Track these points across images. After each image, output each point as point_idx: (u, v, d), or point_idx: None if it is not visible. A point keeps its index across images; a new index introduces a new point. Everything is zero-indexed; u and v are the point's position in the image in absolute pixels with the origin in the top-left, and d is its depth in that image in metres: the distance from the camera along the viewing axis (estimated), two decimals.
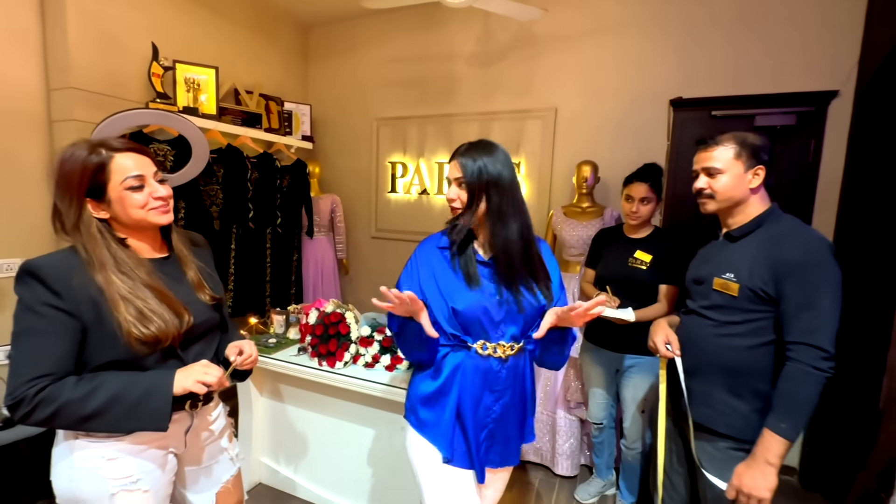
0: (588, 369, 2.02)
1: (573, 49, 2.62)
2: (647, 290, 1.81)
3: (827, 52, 2.12)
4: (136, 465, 0.96)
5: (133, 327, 0.89)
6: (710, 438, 1.21)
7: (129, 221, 0.97)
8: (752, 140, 1.17)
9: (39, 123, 2.05)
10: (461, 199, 1.11)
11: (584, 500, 2.05)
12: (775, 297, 1.10)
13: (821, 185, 2.10)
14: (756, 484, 1.06)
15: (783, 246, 1.09)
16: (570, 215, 2.39)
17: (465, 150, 1.11)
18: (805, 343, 1.05)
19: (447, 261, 1.13)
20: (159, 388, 0.91)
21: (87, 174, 0.91)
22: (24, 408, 0.83)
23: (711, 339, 1.19)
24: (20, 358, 0.85)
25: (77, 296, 0.87)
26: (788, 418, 1.04)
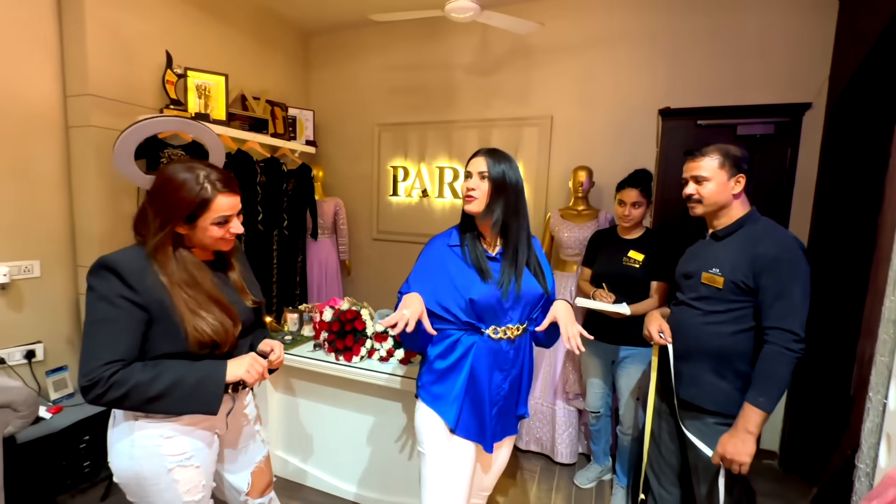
0: (586, 361, 2.15)
1: (567, 60, 2.77)
2: (640, 287, 1.95)
3: (801, 67, 2.30)
4: (189, 443, 1.06)
5: (198, 336, 1.00)
6: (698, 415, 1.36)
7: (199, 244, 1.08)
8: (734, 151, 1.32)
9: (56, 129, 2.11)
10: (482, 189, 1.22)
11: (583, 485, 2.19)
12: (754, 289, 1.25)
13: (797, 190, 2.29)
14: (738, 450, 1.20)
15: (760, 244, 1.24)
16: (567, 217, 2.52)
17: (490, 151, 1.24)
18: (779, 328, 1.19)
19: (459, 257, 1.24)
20: (213, 375, 1.02)
21: (192, 205, 1.01)
22: (99, 388, 0.92)
23: (699, 326, 1.34)
24: (95, 343, 0.94)
25: (148, 293, 0.98)
26: (765, 393, 1.19)
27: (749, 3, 2.36)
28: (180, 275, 1.02)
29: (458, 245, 1.27)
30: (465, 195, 1.24)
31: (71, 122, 2.12)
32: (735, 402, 1.28)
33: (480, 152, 1.25)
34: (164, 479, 1.03)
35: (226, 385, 1.04)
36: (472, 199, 1.22)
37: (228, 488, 1.26)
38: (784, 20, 2.31)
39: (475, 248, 1.25)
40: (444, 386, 1.23)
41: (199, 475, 1.08)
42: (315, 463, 2.08)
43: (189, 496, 1.06)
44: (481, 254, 1.24)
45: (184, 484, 1.05)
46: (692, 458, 1.41)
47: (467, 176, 1.24)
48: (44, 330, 2.12)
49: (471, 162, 1.26)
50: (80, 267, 2.22)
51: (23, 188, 2.00)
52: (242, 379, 1.05)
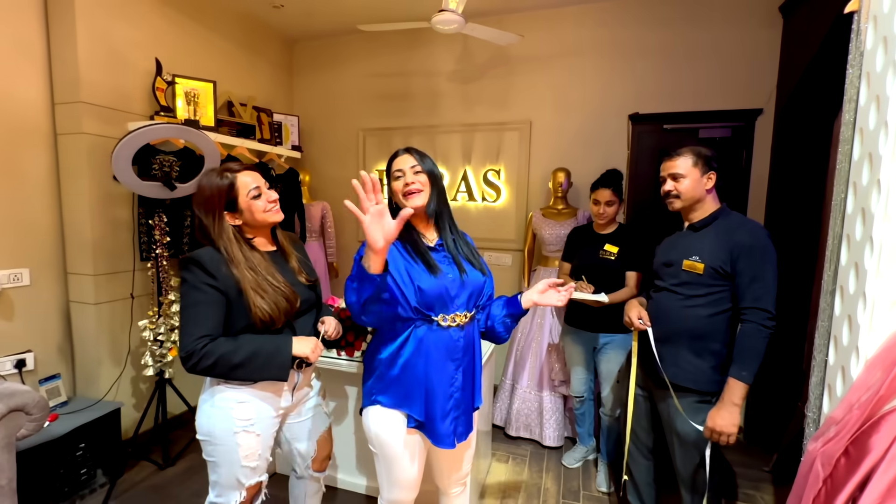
0: (569, 349, 2.31)
1: (544, 69, 2.95)
2: (615, 277, 2.12)
3: (753, 75, 2.55)
4: (255, 411, 1.23)
5: (259, 310, 1.18)
6: (677, 394, 1.49)
7: (255, 223, 1.26)
8: (705, 151, 1.50)
9: (45, 137, 2.10)
10: (421, 182, 1.23)
11: (571, 465, 2.34)
12: (731, 274, 1.39)
13: (752, 188, 2.53)
14: (726, 422, 1.34)
15: (736, 234, 1.40)
16: (548, 216, 2.69)
17: (411, 149, 1.27)
18: (756, 307, 1.35)
19: (401, 253, 1.22)
20: (283, 348, 1.21)
21: (223, 193, 1.22)
22: (194, 358, 1.11)
23: (680, 310, 1.47)
24: (191, 322, 1.13)
25: (225, 280, 1.17)
26: (746, 367, 1.33)
27: (705, 17, 2.60)
28: (244, 260, 1.20)
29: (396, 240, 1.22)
30: (405, 192, 1.22)
31: (60, 130, 2.12)
32: (711, 379, 1.42)
33: (402, 151, 1.27)
34: (229, 441, 1.20)
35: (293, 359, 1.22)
36: (417, 192, 1.22)
37: (296, 455, 1.44)
38: (736, 32, 2.56)
39: (418, 241, 1.24)
40: (402, 386, 1.22)
41: (257, 443, 1.24)
42: None
43: (247, 461, 1.22)
44: (424, 247, 1.25)
45: (244, 448, 1.22)
46: (669, 434, 1.55)
47: (396, 176, 1.24)
48: (34, 339, 2.10)
49: (396, 161, 1.26)
50: (70, 274, 2.21)
51: (11, 196, 1.99)
52: (306, 356, 1.22)
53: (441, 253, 1.28)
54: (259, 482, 1.29)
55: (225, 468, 1.22)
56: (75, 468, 1.99)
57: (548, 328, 2.57)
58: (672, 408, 1.49)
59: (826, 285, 1.04)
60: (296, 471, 1.50)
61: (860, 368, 0.90)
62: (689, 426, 1.45)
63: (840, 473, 0.88)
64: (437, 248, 1.29)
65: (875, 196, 0.89)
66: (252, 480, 1.26)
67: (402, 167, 1.23)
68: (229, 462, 1.21)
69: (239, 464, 1.22)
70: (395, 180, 1.24)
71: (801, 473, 0.99)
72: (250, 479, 1.25)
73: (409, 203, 1.21)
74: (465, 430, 1.28)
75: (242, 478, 1.24)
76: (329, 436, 1.50)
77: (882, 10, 0.91)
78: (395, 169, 1.25)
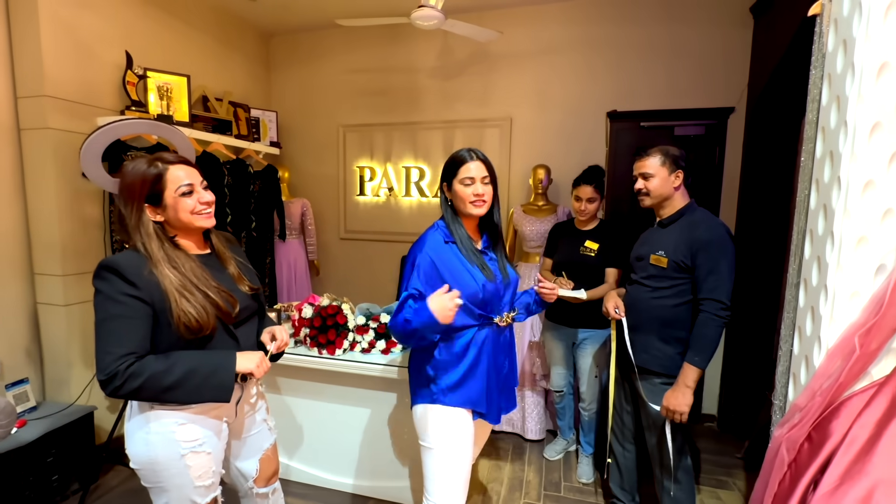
0: (549, 345, 2.34)
1: (524, 66, 2.97)
2: (595, 273, 2.16)
3: (725, 74, 2.62)
4: (201, 431, 1.12)
5: (182, 314, 1.03)
6: (648, 377, 1.58)
7: (179, 224, 1.12)
8: (673, 151, 1.56)
9: (7, 132, 2.01)
10: (489, 193, 1.29)
11: (552, 458, 2.38)
12: (691, 267, 1.48)
13: (725, 184, 2.60)
14: (679, 402, 1.44)
15: (696, 230, 1.48)
16: (529, 212, 2.72)
17: (480, 156, 1.29)
18: (710, 298, 1.43)
19: (459, 254, 1.29)
20: (225, 365, 1.08)
21: (147, 183, 1.08)
22: (117, 381, 0.96)
23: (648, 301, 1.57)
24: (108, 340, 0.98)
25: (149, 286, 1.02)
26: (700, 353, 1.43)
27: (681, 16, 2.66)
28: (166, 259, 1.06)
29: (453, 241, 1.30)
30: (472, 201, 1.27)
31: (24, 125, 2.04)
32: (677, 364, 1.50)
33: (473, 156, 1.29)
34: (177, 465, 1.08)
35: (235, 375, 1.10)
36: (483, 203, 1.28)
37: (236, 475, 1.32)
38: (711, 32, 2.62)
39: (471, 243, 1.31)
40: (469, 383, 1.28)
41: (209, 461, 1.13)
42: (300, 457, 2.13)
43: (200, 481, 1.11)
44: (476, 249, 1.32)
45: (195, 469, 1.10)
46: (644, 417, 1.65)
47: (466, 182, 1.27)
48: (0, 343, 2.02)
49: (467, 168, 1.27)
50: (37, 275, 2.13)
51: None
52: (251, 372, 1.11)
53: (488, 255, 1.36)
54: (214, 497, 1.19)
55: (175, 492, 1.10)
56: (46, 475, 1.93)
57: (529, 324, 2.60)
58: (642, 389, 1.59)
59: (791, 278, 1.08)
60: (238, 491, 1.37)
61: (822, 357, 0.94)
62: (650, 406, 1.56)
63: (803, 458, 0.92)
64: (485, 250, 1.37)
65: (836, 192, 0.93)
66: (207, 498, 1.15)
67: (474, 175, 1.27)
68: (179, 486, 1.10)
69: (192, 485, 1.10)
70: (463, 186, 1.27)
71: (768, 459, 1.03)
72: (205, 497, 1.14)
73: (475, 211, 1.28)
74: (509, 404, 1.44)
75: (197, 497, 1.12)
76: (274, 454, 1.38)
77: (842, 13, 0.95)
78: (466, 176, 1.27)
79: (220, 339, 1.11)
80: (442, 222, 1.35)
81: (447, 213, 1.34)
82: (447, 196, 1.34)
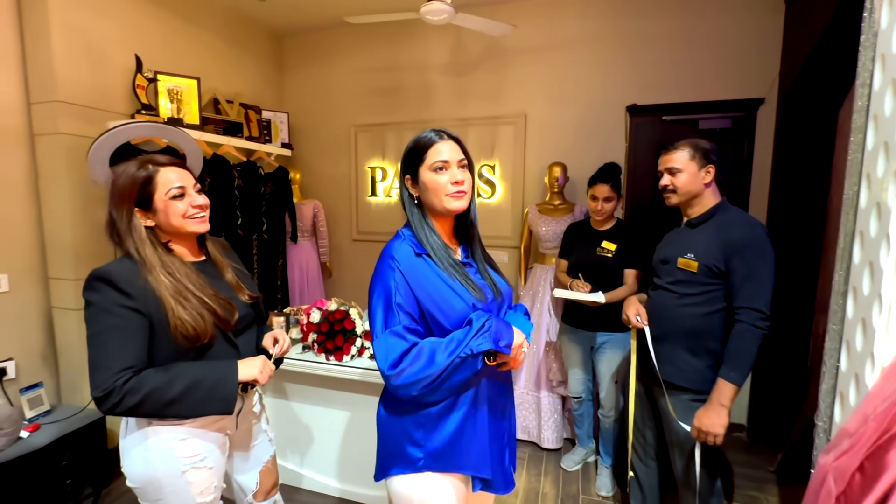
0: (566, 349, 2.24)
1: (539, 61, 2.86)
2: (613, 275, 2.05)
3: (754, 64, 2.46)
4: (203, 445, 1.08)
5: (179, 322, 0.98)
6: (675, 393, 1.45)
7: (170, 229, 1.07)
8: (703, 144, 1.43)
9: (21, 137, 2.03)
10: (468, 181, 1.00)
11: (570, 468, 2.28)
12: (725, 272, 1.34)
13: (754, 180, 2.45)
14: (713, 423, 1.30)
15: (731, 231, 1.34)
16: (544, 212, 2.62)
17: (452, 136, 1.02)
18: (748, 307, 1.30)
19: (435, 268, 0.98)
20: (228, 376, 1.04)
21: (137, 186, 1.03)
22: (113, 398, 0.92)
23: (675, 308, 1.44)
24: (103, 354, 0.94)
25: (145, 296, 0.98)
26: (736, 368, 1.29)
27: (705, 5, 2.51)
28: (160, 264, 1.02)
29: (426, 253, 0.99)
30: (450, 192, 0.97)
31: (37, 130, 2.05)
32: (707, 378, 1.38)
33: (444, 136, 1.00)
34: (178, 482, 1.04)
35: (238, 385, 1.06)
36: (464, 193, 0.99)
37: (236, 489, 1.28)
38: (737, 19, 2.47)
39: (448, 253, 1.00)
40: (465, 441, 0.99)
41: (211, 476, 1.09)
42: (310, 465, 2.09)
43: (202, 497, 1.07)
44: (456, 261, 1.01)
45: (197, 485, 1.06)
46: (668, 433, 1.52)
47: (441, 168, 0.97)
48: (15, 346, 2.04)
49: (438, 149, 0.98)
50: (52, 279, 2.14)
51: None
52: (255, 379, 1.07)
53: (473, 268, 1.06)
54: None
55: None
56: (59, 479, 1.93)
57: (545, 327, 2.50)
58: (667, 406, 1.46)
59: (837, 285, 0.97)
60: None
61: (876, 377, 0.83)
62: (679, 425, 1.42)
63: (855, 491, 0.81)
64: (467, 261, 1.07)
65: (892, 189, 0.82)
66: None
67: (448, 158, 0.97)
68: (182, 503, 1.06)
69: (193, 502, 1.07)
70: (435, 174, 0.97)
71: (812, 488, 0.92)
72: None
73: (454, 205, 0.97)
74: (511, 461, 1.14)
75: None
76: (274, 466, 1.34)
77: None
78: (438, 159, 0.97)
79: (219, 348, 1.07)
80: (408, 230, 1.04)
81: (413, 216, 1.02)
82: (411, 192, 1.03)
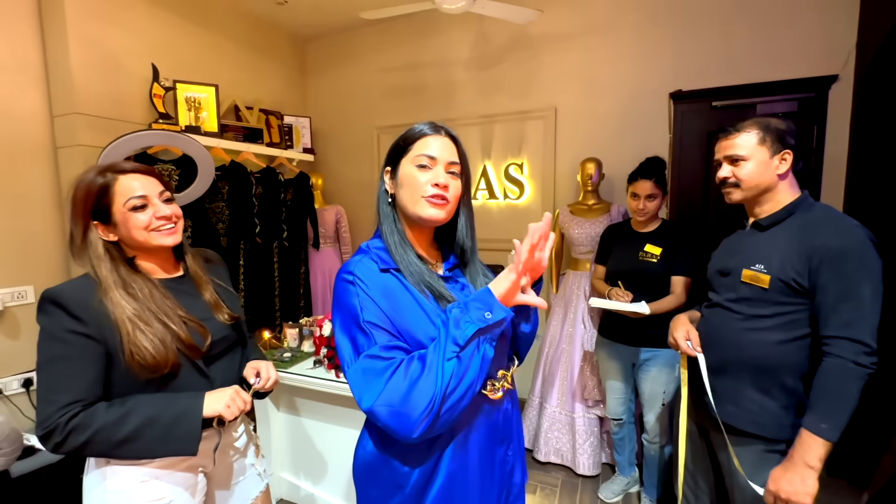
0: (604, 364, 2.01)
1: (569, 48, 2.64)
2: (659, 283, 1.81)
3: (824, 36, 2.12)
4: (168, 488, 0.95)
5: (135, 349, 0.87)
6: (737, 440, 1.16)
7: (134, 243, 0.96)
8: (777, 124, 1.14)
9: (45, 150, 2.06)
10: (455, 188, 0.82)
11: (609, 499, 2.04)
12: (809, 289, 1.05)
13: (826, 171, 2.11)
14: (795, 489, 1.00)
15: (818, 234, 1.04)
16: (577, 213, 2.39)
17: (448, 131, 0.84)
18: (844, 337, 1.00)
19: (406, 286, 0.79)
20: (189, 411, 0.91)
21: (92, 197, 0.93)
22: (57, 436, 0.82)
23: (739, 333, 1.15)
24: (49, 386, 0.84)
25: (99, 320, 0.87)
26: (829, 417, 0.99)
27: None
28: (119, 283, 0.91)
29: (394, 269, 0.80)
30: (427, 195, 0.79)
31: (59, 143, 2.07)
32: (783, 424, 1.09)
33: (447, 132, 0.83)
34: None
35: (207, 420, 0.93)
36: (443, 203, 0.80)
37: None
38: None
39: (424, 270, 0.81)
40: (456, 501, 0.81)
41: None
42: (325, 485, 1.98)
43: None
44: (435, 278, 0.82)
45: None
46: (731, 489, 1.22)
47: (424, 164, 0.80)
48: None
49: (427, 143, 0.81)
50: None
51: (13, 212, 1.95)
52: (220, 414, 0.93)
53: (457, 283, 0.88)
54: None
55: None
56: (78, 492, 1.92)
57: (579, 339, 2.27)
58: (730, 456, 1.17)
59: None
60: None
61: None
62: (745, 482, 1.13)
63: None
64: (450, 275, 0.88)
65: None
66: None
67: (436, 155, 0.80)
68: None
69: None
70: (416, 169, 0.80)
71: None
72: None
73: (426, 213, 0.79)
74: None
75: None
76: (266, 499, 1.20)
77: None
78: (423, 153, 0.80)
79: (186, 378, 0.95)
80: (377, 240, 0.85)
81: (384, 218, 0.84)
82: (388, 189, 0.85)
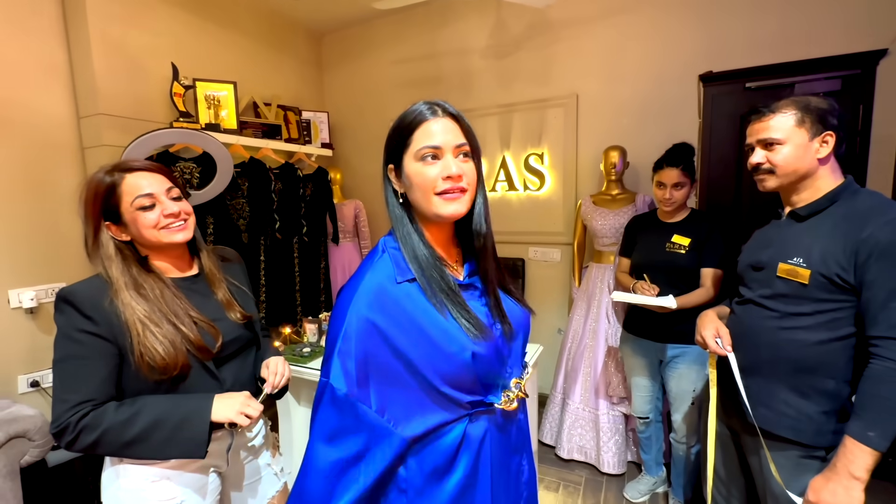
0: (630, 361, 1.94)
1: (590, 32, 2.53)
2: (687, 275, 1.73)
3: (869, 7, 1.97)
4: (179, 488, 0.96)
5: (145, 350, 0.88)
6: (770, 444, 1.09)
7: (146, 242, 0.97)
8: (817, 103, 1.04)
9: (72, 151, 2.11)
10: (470, 176, 0.73)
11: (635, 500, 1.98)
12: (855, 285, 0.97)
13: (873, 154, 1.95)
14: (838, 500, 0.92)
15: (866, 225, 0.95)
16: (600, 204, 2.31)
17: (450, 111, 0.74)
18: (894, 338, 0.92)
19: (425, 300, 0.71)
20: (198, 414, 0.91)
21: (100, 197, 0.94)
22: (68, 435, 0.85)
23: (773, 332, 1.07)
24: (62, 385, 0.87)
25: (110, 320, 0.88)
26: (877, 425, 0.91)
27: None
28: (131, 284, 0.92)
29: (412, 279, 0.72)
30: (441, 190, 0.71)
31: (85, 143, 2.13)
32: (822, 430, 1.02)
33: (447, 110, 0.73)
34: None
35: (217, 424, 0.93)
36: (462, 192, 0.72)
37: None
38: None
39: (442, 275, 0.73)
40: None
41: None
42: None
43: None
44: (454, 287, 0.74)
45: None
46: (760, 489, 1.15)
47: (429, 156, 0.71)
48: None
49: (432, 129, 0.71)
50: None
51: (46, 212, 2.01)
52: (231, 421, 0.92)
53: (476, 291, 0.80)
54: None
55: None
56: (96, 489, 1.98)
57: (602, 334, 2.20)
58: (764, 462, 1.10)
59: None
60: None
61: None
62: (782, 490, 1.05)
63: None
64: (470, 282, 0.80)
65: None
66: None
67: (440, 143, 0.71)
68: None
69: None
70: (422, 165, 0.71)
71: None
72: None
73: (446, 210, 0.71)
74: None
75: None
76: (283, 498, 1.19)
77: None
78: (425, 145, 0.71)
79: (196, 379, 0.95)
80: (392, 241, 0.76)
81: (399, 222, 0.76)
82: (396, 189, 0.77)
